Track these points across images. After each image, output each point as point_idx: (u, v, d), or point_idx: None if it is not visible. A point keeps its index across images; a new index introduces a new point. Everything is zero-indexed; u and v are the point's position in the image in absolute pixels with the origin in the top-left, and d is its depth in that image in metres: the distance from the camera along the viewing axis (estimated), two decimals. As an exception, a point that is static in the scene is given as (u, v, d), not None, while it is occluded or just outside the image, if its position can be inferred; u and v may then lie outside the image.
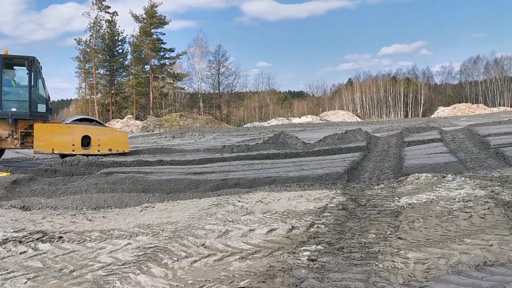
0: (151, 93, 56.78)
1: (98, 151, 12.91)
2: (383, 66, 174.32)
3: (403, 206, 5.45)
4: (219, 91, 63.65)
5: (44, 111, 12.96)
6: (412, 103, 77.88)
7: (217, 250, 4.13)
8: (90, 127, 13.28)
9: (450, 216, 4.81)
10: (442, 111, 54.77)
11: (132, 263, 3.86)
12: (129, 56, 58.71)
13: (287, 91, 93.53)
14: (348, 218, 5.09)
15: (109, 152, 13.07)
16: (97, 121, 14.76)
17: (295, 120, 49.54)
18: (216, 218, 5.36)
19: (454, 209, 5.12)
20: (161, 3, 56.95)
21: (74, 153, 12.65)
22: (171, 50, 58.26)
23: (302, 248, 4.04)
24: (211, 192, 7.19)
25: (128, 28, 64.85)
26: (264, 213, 5.55)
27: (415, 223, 4.66)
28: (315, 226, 4.79)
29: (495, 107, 63.73)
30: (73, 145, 12.67)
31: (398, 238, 4.18)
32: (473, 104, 61.44)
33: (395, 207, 5.48)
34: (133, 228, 5.16)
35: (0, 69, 12.31)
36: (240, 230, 4.75)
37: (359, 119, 54.80)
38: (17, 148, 13.18)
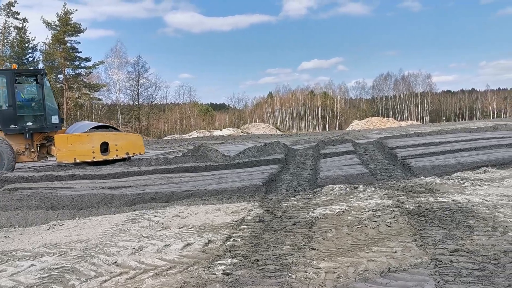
0: (65, 104, 53.93)
1: (117, 156, 13.23)
2: (303, 80, 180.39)
3: (317, 217, 5.62)
4: (138, 102, 62.00)
5: (57, 122, 13.20)
6: (329, 117, 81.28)
7: (130, 268, 3.99)
8: (107, 134, 13.57)
9: (360, 226, 5.04)
10: (356, 124, 57.73)
11: (35, 286, 3.61)
12: (40, 65, 55.36)
13: (209, 103, 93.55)
14: (265, 230, 5.15)
15: (127, 156, 13.44)
16: (112, 127, 14.97)
17: (217, 133, 49.58)
18: (130, 234, 5.18)
19: (364, 218, 5.37)
20: (76, 10, 54.61)
21: (95, 160, 12.93)
22: (87, 59, 55.83)
23: (218, 262, 4.01)
24: (126, 207, 6.95)
25: (42, 36, 60.70)
26: (181, 227, 5.45)
27: (328, 233, 4.82)
28: (232, 239, 4.79)
29: (403, 120, 68.34)
30: (93, 152, 12.94)
31: (311, 248, 4.29)
32: (384, 117, 65.51)
33: (309, 218, 5.63)
34: (38, 248, 4.83)
35: (12, 85, 12.37)
36: (155, 246, 4.63)
37: (279, 132, 56.09)
38: (35, 161, 13.28)
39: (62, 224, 6.05)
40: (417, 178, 8.43)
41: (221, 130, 54.22)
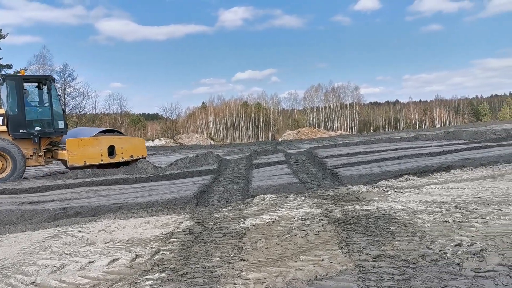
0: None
1: (122, 158, 13.70)
2: (237, 91, 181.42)
3: (248, 228, 5.64)
4: (65, 112, 59.22)
5: (63, 126, 13.45)
6: (262, 127, 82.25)
7: (49, 288, 3.77)
8: (114, 137, 13.95)
9: (289, 235, 5.12)
10: (288, 135, 58.80)
11: None
12: (-46, 71, 51.43)
13: (141, 113, 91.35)
14: (195, 242, 5.09)
15: (131, 158, 13.85)
16: (118, 131, 15.29)
17: (148, 143, 48.47)
18: (51, 252, 4.91)
19: (293, 228, 5.46)
20: (-4, 14, 51.34)
21: (103, 163, 13.32)
22: (8, 66, 52.54)
23: (145, 277, 3.90)
24: (48, 223, 6.58)
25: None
26: (107, 242, 5.25)
27: (258, 243, 4.84)
28: (160, 253, 4.68)
29: (333, 130, 70.69)
30: (101, 155, 13.36)
31: (241, 259, 4.29)
32: (315, 128, 67.36)
33: (240, 228, 5.64)
34: None
35: (20, 90, 12.60)
36: (78, 263, 4.42)
37: (213, 142, 55.85)
38: (42, 165, 13.48)
39: (-25, 243, 5.62)
40: (345, 186, 8.72)
41: (153, 140, 53.05)
